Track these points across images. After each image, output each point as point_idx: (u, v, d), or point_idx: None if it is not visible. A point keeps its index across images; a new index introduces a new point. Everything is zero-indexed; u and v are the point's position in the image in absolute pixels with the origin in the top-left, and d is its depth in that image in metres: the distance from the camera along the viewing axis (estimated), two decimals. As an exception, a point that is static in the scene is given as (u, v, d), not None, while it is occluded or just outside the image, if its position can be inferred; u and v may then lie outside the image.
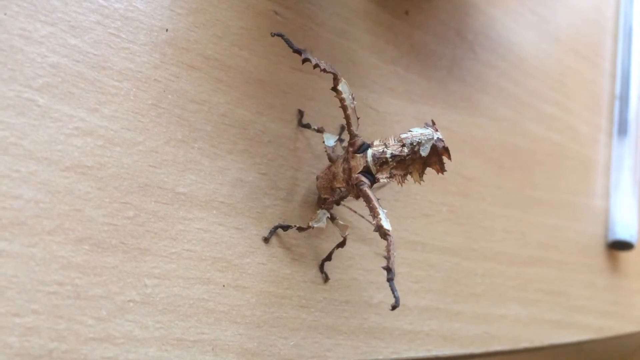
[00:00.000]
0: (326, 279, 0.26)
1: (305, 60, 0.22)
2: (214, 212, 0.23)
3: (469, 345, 0.31)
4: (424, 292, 0.29)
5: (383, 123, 0.30)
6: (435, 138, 0.21)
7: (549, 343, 0.36)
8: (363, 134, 0.28)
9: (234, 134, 0.24)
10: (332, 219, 0.25)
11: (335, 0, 0.30)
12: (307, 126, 0.26)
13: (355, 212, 0.27)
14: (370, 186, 0.22)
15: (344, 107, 0.22)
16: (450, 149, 0.31)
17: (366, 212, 0.26)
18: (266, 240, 0.24)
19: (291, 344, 0.23)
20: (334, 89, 0.22)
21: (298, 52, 0.22)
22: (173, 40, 0.23)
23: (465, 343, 0.30)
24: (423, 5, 0.35)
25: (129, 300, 0.20)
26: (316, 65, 0.22)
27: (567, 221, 0.40)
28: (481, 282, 0.32)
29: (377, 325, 0.27)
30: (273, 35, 0.22)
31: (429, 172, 0.29)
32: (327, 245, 0.26)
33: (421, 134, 0.21)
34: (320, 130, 0.26)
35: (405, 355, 0.28)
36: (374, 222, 0.21)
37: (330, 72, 0.22)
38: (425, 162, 0.22)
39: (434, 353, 0.29)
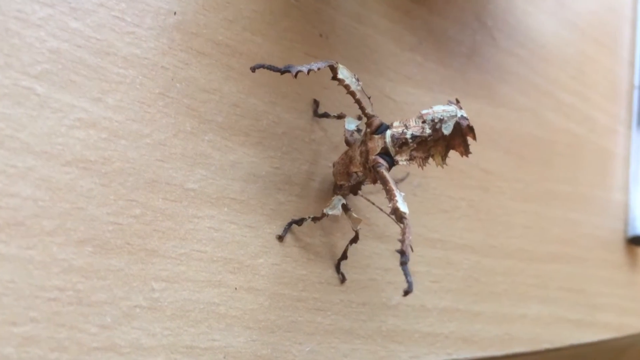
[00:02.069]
0: (343, 279, 0.24)
1: (297, 73, 0.20)
2: (225, 209, 0.21)
3: (489, 347, 0.29)
4: (444, 292, 0.28)
5: (400, 113, 0.29)
6: (459, 115, 0.20)
7: (569, 343, 0.34)
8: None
9: (246, 125, 0.23)
10: (346, 210, 0.23)
11: (352, -17, 0.29)
12: (325, 115, 0.25)
13: (373, 203, 0.25)
14: (389, 169, 0.21)
15: (352, 93, 0.21)
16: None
17: (385, 204, 0.25)
18: (280, 238, 0.23)
19: (307, 349, 0.22)
20: (335, 78, 0.21)
21: (287, 71, 0.20)
22: (181, 25, 0.22)
23: (485, 345, 0.29)
24: (440, -11, 0.33)
25: (135, 306, 0.18)
26: (310, 71, 0.20)
27: (586, 215, 0.39)
28: (502, 281, 0.31)
29: (396, 327, 0.25)
30: (253, 70, 0.20)
31: (448, 163, 0.28)
32: (344, 244, 0.24)
33: (444, 110, 0.20)
34: (341, 116, 0.24)
35: (425, 359, 0.26)
36: (390, 204, 0.19)
37: (324, 66, 0.20)
38: (448, 144, 0.20)
39: (454, 356, 0.27)
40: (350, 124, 0.23)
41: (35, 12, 0.18)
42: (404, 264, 0.18)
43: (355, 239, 0.24)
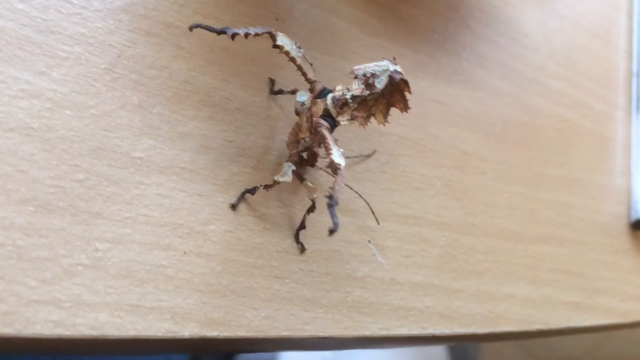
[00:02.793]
0: (302, 249, 0.24)
1: (234, 35, 0.21)
2: (174, 177, 0.22)
3: (471, 325, 0.29)
4: (417, 267, 0.28)
5: (366, 94, 0.29)
6: (391, 69, 0.20)
7: (566, 326, 0.33)
8: None
9: (197, 101, 0.23)
10: (302, 179, 0.24)
11: (310, -28, 0.30)
12: (280, 92, 0.26)
13: (334, 176, 0.26)
14: (330, 129, 0.21)
15: (292, 59, 0.22)
16: (443, 122, 0.30)
17: (348, 180, 0.25)
18: (233, 207, 0.23)
19: (262, 314, 0.22)
20: (275, 46, 0.21)
21: (223, 32, 0.21)
22: (129, 7, 0.23)
23: (467, 322, 0.28)
24: (409, -21, 0.34)
25: (77, 264, 0.19)
26: (247, 35, 0.21)
27: (583, 199, 0.38)
28: (484, 260, 0.30)
29: (363, 300, 0.25)
30: (191, 29, 0.21)
31: (415, 153, 0.28)
32: (300, 216, 0.25)
33: (375, 65, 0.20)
34: (294, 92, 0.25)
35: (396, 332, 0.26)
36: (327, 159, 0.19)
37: (263, 32, 0.21)
38: (388, 102, 0.21)
39: (430, 331, 0.27)
40: (302, 97, 0.24)
41: (-22, -9, 0.20)
42: (330, 206, 0.18)
43: (312, 208, 0.24)
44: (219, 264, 0.22)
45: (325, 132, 0.21)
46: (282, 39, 0.22)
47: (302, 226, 0.24)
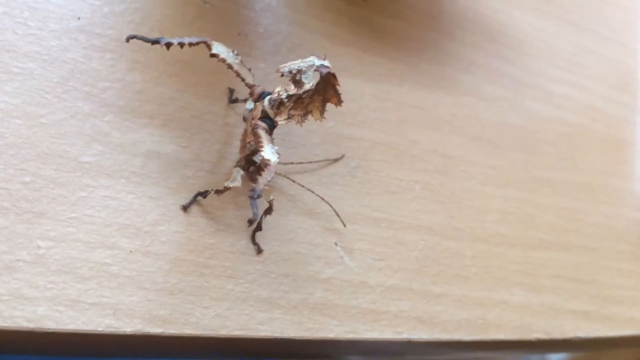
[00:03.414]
0: (259, 250, 0.24)
1: (168, 44, 0.22)
2: (123, 181, 0.23)
3: (455, 331, 0.27)
4: (391, 270, 0.27)
5: (335, 101, 0.29)
6: (317, 64, 0.20)
7: (575, 336, 0.31)
8: (311, 122, 0.27)
9: (151, 110, 0.25)
10: (256, 182, 0.24)
11: (275, -10, 0.31)
12: (236, 100, 0.26)
13: (294, 181, 0.26)
14: (268, 129, 0.21)
15: (230, 66, 0.22)
16: (423, 127, 0.30)
17: (310, 185, 0.25)
18: (185, 208, 0.24)
19: (212, 313, 0.22)
20: (212, 55, 0.22)
21: (157, 41, 0.22)
22: (86, 27, 0.25)
23: (450, 328, 0.27)
24: (384, -8, 0.35)
25: (18, 260, 0.20)
26: (181, 44, 0.22)
27: (593, 204, 0.36)
28: (471, 264, 0.29)
29: (327, 302, 0.25)
30: (127, 40, 0.22)
31: (390, 158, 0.28)
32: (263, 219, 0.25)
33: (302, 61, 0.20)
34: (246, 99, 0.25)
35: (365, 336, 0.25)
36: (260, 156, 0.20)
37: (197, 42, 0.22)
38: (323, 98, 0.21)
39: (406, 336, 0.26)
40: (250, 104, 0.25)
41: None
42: (251, 197, 0.19)
43: (269, 210, 0.24)
44: (166, 263, 0.22)
45: (261, 132, 0.21)
46: (217, 47, 0.22)
47: (259, 228, 0.24)
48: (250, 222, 0.19)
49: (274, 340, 0.23)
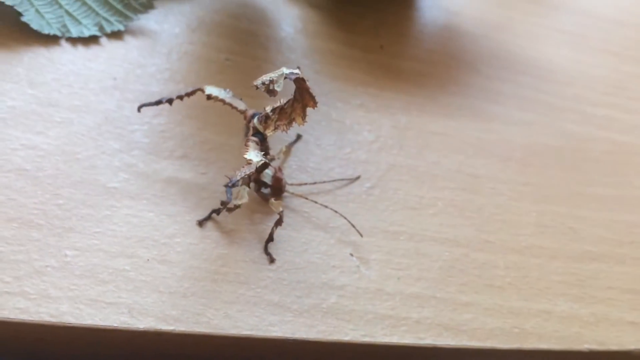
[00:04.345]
0: (272, 259, 0.26)
1: (170, 101, 0.26)
2: (144, 202, 0.26)
3: (487, 339, 0.26)
4: (412, 279, 0.27)
5: (350, 133, 0.31)
6: (286, 72, 0.23)
7: (636, 348, 0.28)
8: (326, 141, 0.30)
9: (172, 145, 0.28)
10: (265, 199, 0.26)
11: (293, 44, 0.35)
12: None
13: (307, 198, 0.28)
14: (259, 142, 0.24)
15: (222, 101, 0.26)
16: (445, 150, 0.31)
17: (319, 199, 0.27)
18: (200, 224, 0.26)
19: (223, 314, 0.24)
20: (207, 97, 0.26)
21: (160, 102, 0.26)
22: (120, 85, 0.29)
23: (481, 336, 0.26)
24: (400, 40, 0.37)
25: (47, 266, 0.23)
26: (180, 97, 0.26)
27: (652, 218, 0.34)
28: (504, 275, 0.29)
29: (341, 307, 0.25)
30: (139, 110, 0.27)
31: (409, 178, 0.29)
32: (275, 232, 0.27)
33: (273, 73, 0.23)
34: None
35: (383, 340, 0.25)
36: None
37: (193, 90, 0.26)
38: (302, 104, 0.23)
39: (429, 341, 0.25)
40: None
41: (2, 86, 0.27)
42: (226, 185, 0.22)
43: (279, 222, 0.26)
44: (181, 270, 0.24)
45: (250, 143, 0.24)
46: (210, 90, 0.26)
47: (271, 239, 0.26)
48: (222, 204, 0.22)
49: (285, 341, 0.24)
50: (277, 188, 0.26)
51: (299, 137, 0.30)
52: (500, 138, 0.34)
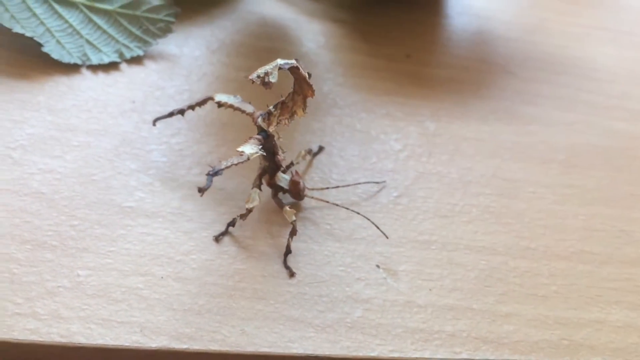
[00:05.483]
0: (292, 273, 0.24)
1: (181, 111, 0.27)
2: (160, 219, 0.25)
3: (532, 352, 0.24)
4: (445, 290, 0.25)
5: (377, 143, 0.30)
6: (281, 63, 0.22)
7: None
8: (351, 152, 0.29)
9: (190, 162, 0.27)
10: (281, 205, 0.25)
11: (315, 59, 0.34)
12: None
13: (328, 201, 0.26)
14: (262, 140, 0.23)
15: (231, 106, 0.26)
16: (478, 156, 0.29)
17: (340, 201, 0.26)
18: (217, 239, 0.25)
19: (239, 331, 0.22)
20: (218, 105, 0.26)
21: (172, 113, 0.27)
22: (138, 108, 0.29)
23: (525, 349, 0.24)
24: (428, 47, 0.36)
25: (59, 286, 0.23)
26: (190, 107, 0.27)
27: None
28: (549, 283, 0.26)
29: (367, 321, 0.24)
30: (154, 123, 0.28)
31: (439, 185, 0.28)
32: (295, 245, 0.25)
33: (266, 66, 0.22)
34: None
35: (414, 355, 0.23)
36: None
37: (203, 100, 0.26)
38: (302, 96, 0.23)
39: (465, 356, 0.23)
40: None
41: (23, 114, 0.28)
42: (208, 174, 0.23)
43: (293, 232, 0.25)
44: (196, 287, 0.23)
45: (250, 139, 0.23)
46: (219, 97, 0.26)
47: (288, 251, 0.25)
48: (200, 190, 0.23)
49: (307, 359, 0.22)
50: (295, 192, 0.25)
51: (321, 148, 0.29)
52: (539, 140, 0.32)
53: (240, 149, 0.22)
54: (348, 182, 0.28)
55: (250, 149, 0.22)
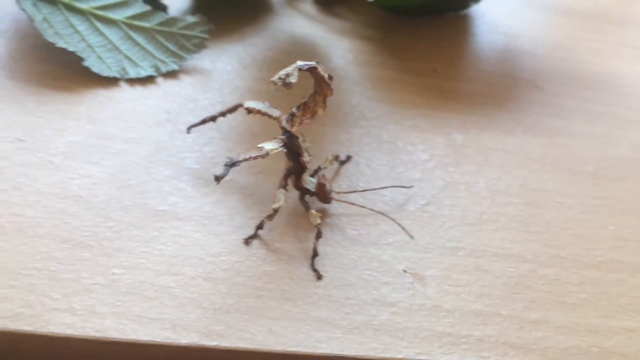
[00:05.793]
0: (319, 276, 0.25)
1: (213, 118, 0.28)
2: (192, 223, 0.26)
3: (561, 358, 0.24)
4: (473, 296, 0.25)
5: (404, 154, 0.31)
6: (300, 64, 0.23)
7: None
8: (378, 162, 0.30)
9: (221, 170, 0.28)
10: (307, 208, 0.26)
11: (344, 74, 0.35)
12: None
13: (353, 203, 0.27)
14: (286, 140, 0.24)
15: (259, 112, 0.26)
16: (507, 167, 0.30)
17: (376, 221, 0.27)
18: (246, 242, 0.26)
19: (267, 330, 0.23)
20: (248, 111, 0.27)
21: (204, 121, 0.28)
22: (172, 118, 0.30)
23: (554, 355, 0.24)
24: (455, 63, 0.37)
25: (95, 283, 0.23)
26: (221, 114, 0.28)
27: None
28: (579, 291, 0.26)
29: (394, 324, 0.24)
30: (188, 131, 0.29)
31: (467, 195, 0.28)
32: (323, 249, 0.26)
33: (287, 68, 0.23)
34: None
35: (442, 358, 0.23)
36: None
37: (234, 107, 0.27)
38: (322, 95, 0.23)
39: (494, 360, 0.23)
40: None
41: (64, 123, 0.29)
42: (225, 164, 0.24)
43: (318, 234, 0.25)
44: (225, 287, 0.24)
45: (273, 139, 0.25)
46: (249, 103, 0.27)
47: (315, 253, 0.25)
48: (216, 178, 0.24)
49: (334, 359, 0.23)
50: (322, 195, 0.26)
51: (349, 157, 0.30)
52: (567, 152, 0.32)
53: (260, 145, 0.23)
54: (375, 190, 0.28)
55: (271, 145, 0.23)
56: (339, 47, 0.37)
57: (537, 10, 0.42)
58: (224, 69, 0.34)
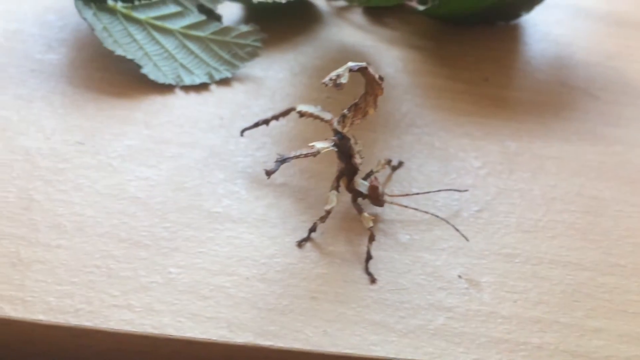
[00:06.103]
0: (372, 280, 0.25)
1: (266, 121, 0.28)
2: (246, 225, 0.26)
3: (626, 368, 0.23)
4: (530, 303, 0.25)
5: (455, 160, 0.30)
6: (350, 65, 0.23)
7: None
8: (429, 168, 0.30)
9: (274, 175, 0.28)
10: (360, 211, 0.26)
11: (393, 82, 0.35)
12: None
13: (406, 206, 0.27)
14: (338, 141, 0.25)
15: (311, 115, 0.27)
16: (563, 174, 0.29)
17: (429, 227, 0.27)
18: (300, 244, 0.26)
19: (322, 332, 0.23)
20: (300, 115, 0.27)
21: (257, 124, 0.29)
22: (226, 123, 0.31)
23: (617, 364, 0.23)
24: (506, 72, 0.36)
25: (152, 282, 0.24)
26: (274, 117, 0.28)
27: None
28: (641, 300, 0.25)
29: (450, 329, 0.24)
30: (242, 134, 0.29)
31: (521, 201, 0.28)
32: (376, 254, 0.26)
33: (338, 70, 0.23)
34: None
35: (499, 365, 0.23)
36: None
37: (286, 110, 0.28)
38: (373, 96, 0.24)
39: (553, 369, 0.23)
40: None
41: (122, 127, 0.30)
42: (276, 160, 0.24)
43: (371, 237, 0.25)
44: (280, 288, 0.24)
45: (327, 139, 0.25)
46: (301, 107, 0.27)
47: (369, 256, 0.25)
48: (267, 173, 0.24)
49: (391, 362, 0.22)
50: (374, 197, 0.26)
51: (401, 163, 0.29)
52: (625, 160, 0.31)
53: (311, 144, 0.23)
54: (427, 196, 0.28)
55: (322, 144, 0.24)
56: (389, 56, 0.37)
57: (588, 20, 0.42)
58: (276, 76, 0.34)
